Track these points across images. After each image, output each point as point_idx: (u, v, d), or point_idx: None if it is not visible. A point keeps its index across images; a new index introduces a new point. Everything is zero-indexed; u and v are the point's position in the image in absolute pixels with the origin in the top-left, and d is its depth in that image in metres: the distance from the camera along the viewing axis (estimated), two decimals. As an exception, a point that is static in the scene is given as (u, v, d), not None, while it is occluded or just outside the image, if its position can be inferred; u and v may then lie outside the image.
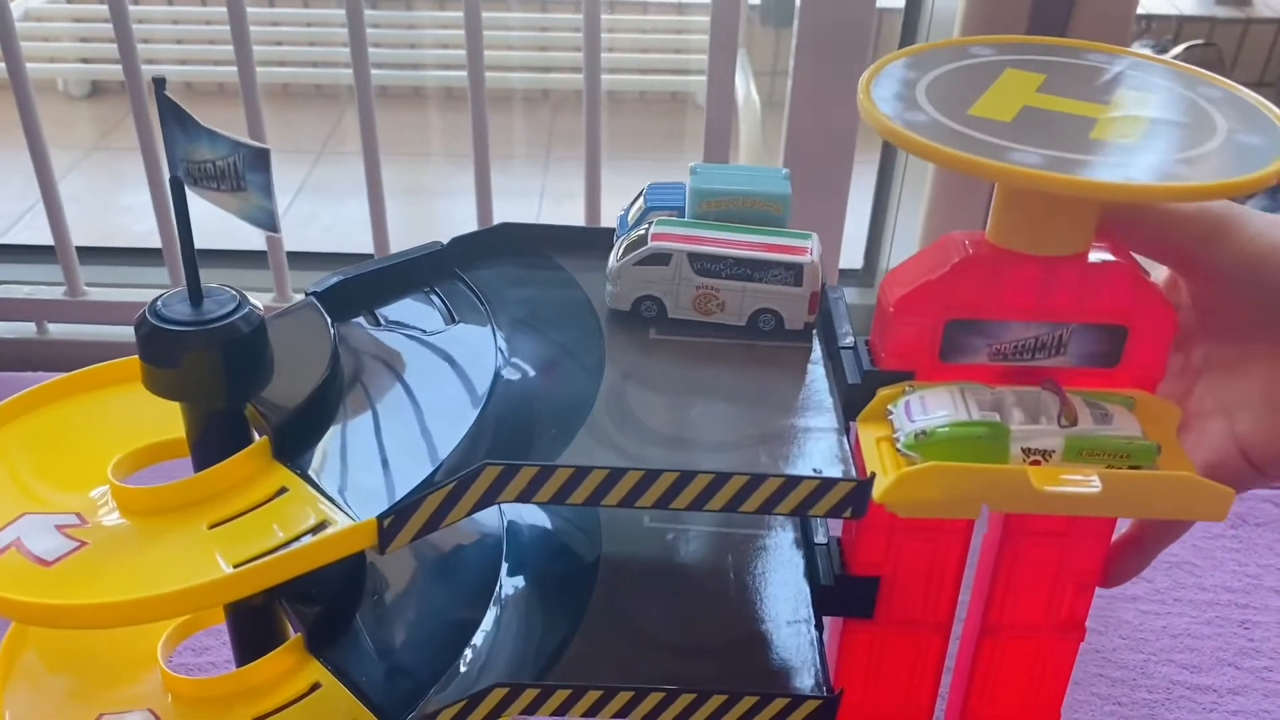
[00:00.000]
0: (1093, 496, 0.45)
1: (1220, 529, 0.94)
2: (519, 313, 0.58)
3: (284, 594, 0.54)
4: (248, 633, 0.57)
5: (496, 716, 0.51)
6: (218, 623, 0.60)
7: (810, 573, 0.57)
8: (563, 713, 0.51)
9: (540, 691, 0.50)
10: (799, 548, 0.59)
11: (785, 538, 0.60)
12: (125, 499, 0.49)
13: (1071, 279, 0.47)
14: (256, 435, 0.51)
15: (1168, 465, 0.47)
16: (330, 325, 0.54)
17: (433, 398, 0.53)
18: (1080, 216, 0.46)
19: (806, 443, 0.49)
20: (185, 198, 0.47)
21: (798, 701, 0.52)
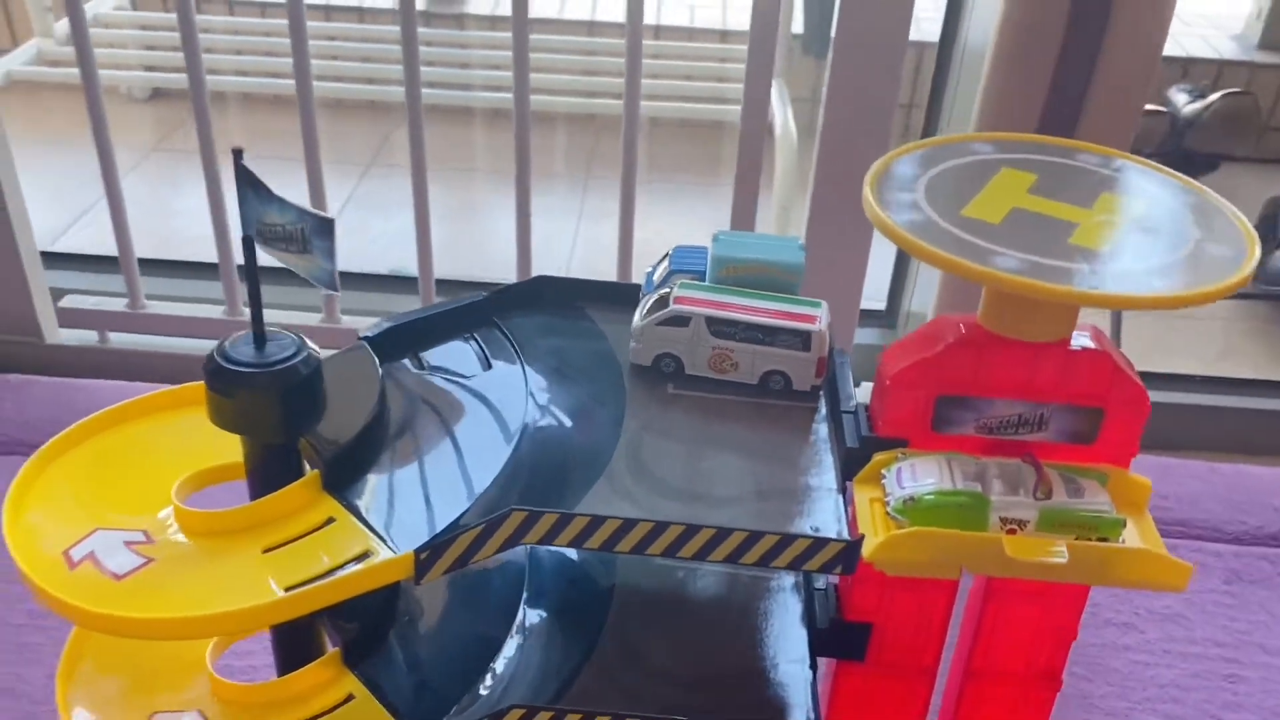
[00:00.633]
0: (1059, 566, 0.49)
1: (1215, 583, 0.98)
2: (550, 361, 0.63)
3: (325, 611, 0.59)
4: (290, 645, 0.62)
5: (513, 736, 0.56)
6: (261, 630, 0.65)
7: (808, 616, 0.62)
8: (574, 735, 0.56)
9: (554, 715, 0.55)
10: (799, 591, 0.64)
11: (787, 581, 0.65)
12: (188, 521, 0.54)
13: (1053, 363, 0.52)
14: (309, 468, 0.56)
15: (1137, 537, 0.52)
16: (379, 368, 0.59)
17: (468, 439, 0.58)
18: (1061, 310, 0.51)
19: (807, 501, 0.54)
20: (255, 255, 0.53)
21: (790, 735, 0.56)
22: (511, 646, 0.61)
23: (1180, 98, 2.20)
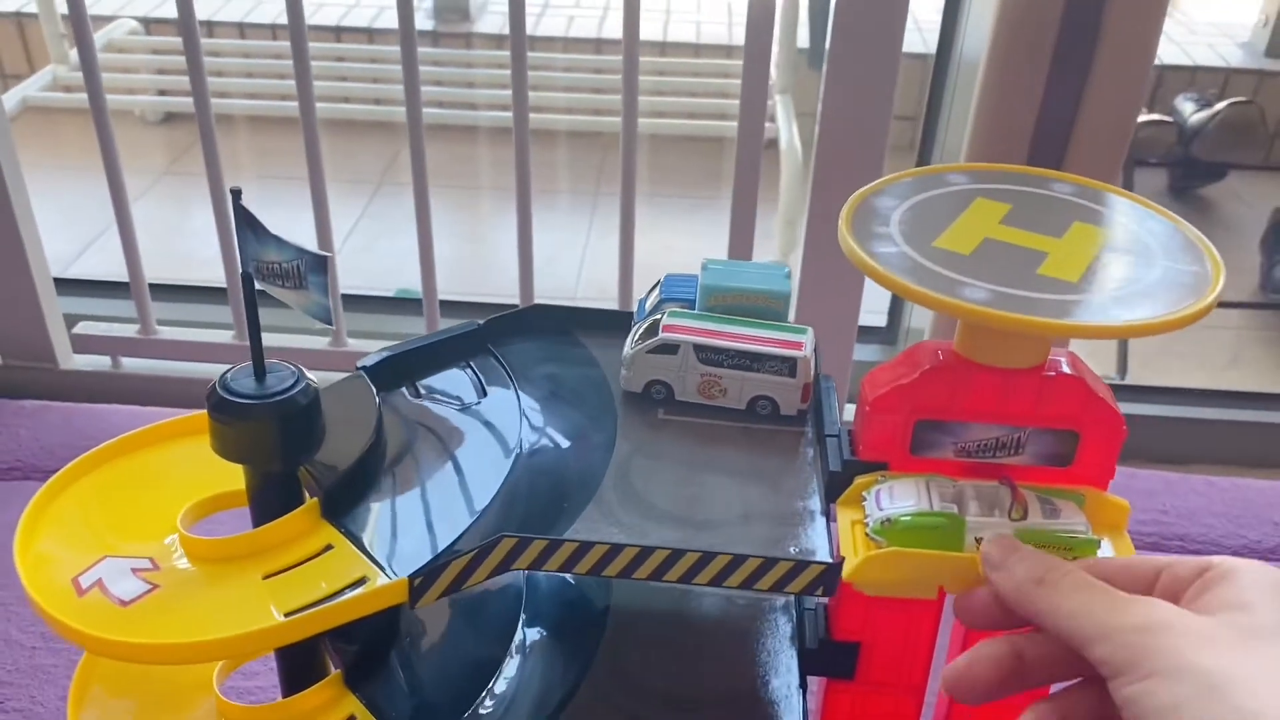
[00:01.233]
0: (1033, 586, 0.50)
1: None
2: (544, 388, 0.65)
3: (326, 634, 0.61)
4: (294, 666, 0.64)
5: (509, 754, 0.58)
6: (263, 654, 0.67)
7: (799, 636, 0.63)
8: (569, 754, 0.58)
9: (548, 735, 0.57)
10: (790, 611, 0.65)
11: (779, 602, 0.66)
12: (192, 547, 0.56)
13: (1029, 388, 0.53)
14: (308, 495, 0.58)
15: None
16: (376, 398, 0.61)
17: (464, 465, 0.60)
18: (1032, 339, 0.52)
19: (791, 524, 0.56)
20: (254, 291, 0.55)
21: (779, 753, 0.58)
22: (510, 667, 0.62)
23: (1187, 106, 2.21)
